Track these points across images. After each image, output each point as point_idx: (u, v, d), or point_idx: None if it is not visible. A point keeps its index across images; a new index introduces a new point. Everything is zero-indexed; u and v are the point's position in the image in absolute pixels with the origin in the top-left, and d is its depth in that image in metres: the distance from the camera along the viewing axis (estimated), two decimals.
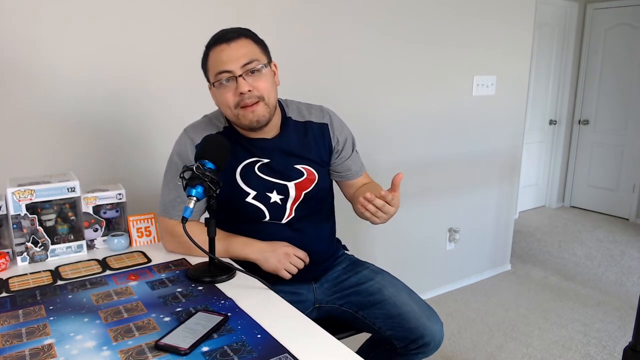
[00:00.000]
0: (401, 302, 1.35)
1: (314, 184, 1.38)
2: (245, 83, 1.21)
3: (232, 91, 1.22)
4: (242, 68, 1.21)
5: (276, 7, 2.08)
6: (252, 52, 1.23)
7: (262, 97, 1.24)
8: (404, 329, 1.32)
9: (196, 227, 1.32)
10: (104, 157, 1.81)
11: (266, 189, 1.33)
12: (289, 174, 1.35)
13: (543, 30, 4.37)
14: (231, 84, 1.22)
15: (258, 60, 1.23)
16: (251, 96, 1.22)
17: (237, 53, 1.20)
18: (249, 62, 1.21)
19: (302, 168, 1.36)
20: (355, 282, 1.42)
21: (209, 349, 0.90)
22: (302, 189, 1.36)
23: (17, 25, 1.59)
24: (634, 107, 4.44)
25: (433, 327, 1.33)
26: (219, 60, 1.21)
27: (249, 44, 1.23)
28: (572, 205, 5.04)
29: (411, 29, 2.52)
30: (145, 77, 1.84)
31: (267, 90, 1.25)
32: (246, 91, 1.21)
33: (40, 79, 1.66)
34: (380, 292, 1.38)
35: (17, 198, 1.25)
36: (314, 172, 1.38)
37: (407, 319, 1.32)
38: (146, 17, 1.80)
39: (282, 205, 1.35)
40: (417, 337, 1.31)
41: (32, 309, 1.05)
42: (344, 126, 1.46)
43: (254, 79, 1.23)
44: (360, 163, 1.51)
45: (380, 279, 1.42)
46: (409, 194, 2.75)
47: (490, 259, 3.30)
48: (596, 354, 2.40)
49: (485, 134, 3.01)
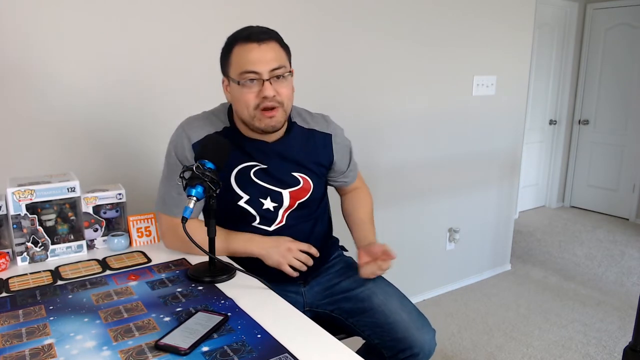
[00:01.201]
0: (390, 310, 1.32)
1: (308, 193, 1.37)
2: (271, 88, 1.20)
3: (255, 93, 1.21)
4: (270, 72, 1.20)
5: (277, 8, 2.08)
6: (280, 58, 1.23)
7: (283, 103, 1.24)
8: (391, 338, 1.29)
9: (197, 225, 1.31)
10: (104, 157, 1.81)
11: (260, 195, 1.33)
12: (285, 181, 1.34)
13: (543, 30, 4.37)
14: (255, 86, 1.21)
15: (285, 66, 1.23)
16: (273, 101, 1.22)
17: (267, 56, 1.19)
18: (277, 68, 1.21)
19: (299, 176, 1.36)
20: (346, 287, 1.40)
21: (209, 349, 0.90)
22: (296, 198, 1.36)
23: (16, 26, 1.59)
24: (634, 107, 4.44)
25: (423, 337, 1.29)
26: (248, 59, 1.19)
27: (278, 49, 1.23)
28: (572, 205, 5.04)
29: (411, 29, 2.52)
30: (145, 77, 1.84)
31: (287, 98, 1.25)
32: (271, 96, 1.20)
33: (40, 80, 1.66)
34: (369, 300, 1.35)
35: (17, 198, 1.25)
36: (310, 181, 1.37)
37: (395, 328, 1.29)
38: (146, 18, 1.80)
39: (274, 212, 1.35)
40: (406, 347, 1.28)
41: (32, 309, 1.05)
42: (344, 138, 1.48)
43: (279, 84, 1.22)
44: (355, 171, 1.56)
45: (371, 285, 1.38)
46: (409, 194, 2.75)
47: (490, 259, 3.31)
48: (596, 354, 2.40)
49: (485, 134, 3.01)
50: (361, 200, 1.57)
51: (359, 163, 1.61)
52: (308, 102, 1.58)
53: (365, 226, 1.50)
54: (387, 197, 2.65)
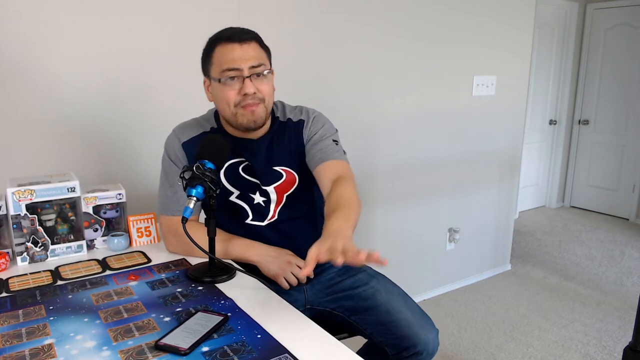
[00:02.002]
0: (394, 308, 1.32)
1: (294, 186, 1.38)
2: (252, 85, 1.23)
3: (236, 90, 1.24)
4: (250, 69, 1.23)
5: (275, 6, 2.08)
6: (261, 56, 1.26)
7: (264, 99, 1.27)
8: (395, 336, 1.29)
9: (197, 227, 1.32)
10: (103, 157, 1.81)
11: (249, 190, 1.36)
12: (267, 178, 1.35)
13: (543, 30, 4.37)
14: (236, 83, 1.24)
15: (265, 64, 1.27)
16: (254, 98, 1.25)
17: (248, 54, 1.23)
18: (257, 65, 1.24)
19: (281, 169, 1.36)
20: (349, 285, 1.40)
21: (209, 349, 0.90)
22: (282, 192, 1.37)
23: (17, 27, 1.59)
24: (634, 107, 4.44)
25: (426, 335, 1.29)
26: (228, 57, 1.23)
27: (259, 48, 1.27)
28: (572, 205, 5.04)
29: (411, 29, 2.52)
30: (145, 77, 1.84)
31: (268, 94, 1.28)
32: (251, 92, 1.24)
33: (41, 80, 1.66)
34: (373, 298, 1.35)
35: (17, 198, 1.25)
36: (293, 172, 1.37)
37: (399, 326, 1.29)
38: (145, 18, 1.80)
39: (266, 207, 1.37)
40: (409, 345, 1.28)
41: (32, 309, 1.05)
42: (325, 122, 1.40)
43: (259, 82, 1.26)
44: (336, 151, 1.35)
45: (375, 284, 1.39)
46: (409, 194, 2.75)
47: (490, 259, 3.30)
48: (596, 354, 2.40)
49: (485, 134, 3.01)
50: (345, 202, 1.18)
51: (359, 163, 1.60)
52: (308, 103, 1.58)
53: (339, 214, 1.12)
54: (387, 197, 2.65)
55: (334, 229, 1.03)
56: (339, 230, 1.02)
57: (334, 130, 1.41)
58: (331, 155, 1.33)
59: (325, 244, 0.95)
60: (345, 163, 1.36)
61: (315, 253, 0.94)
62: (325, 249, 0.94)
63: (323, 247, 0.95)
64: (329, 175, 1.29)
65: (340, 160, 1.34)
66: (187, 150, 1.34)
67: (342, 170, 1.31)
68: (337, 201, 1.16)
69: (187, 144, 1.34)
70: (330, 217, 1.10)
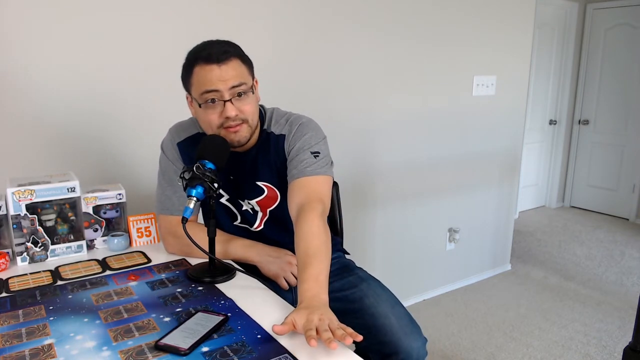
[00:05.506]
0: (379, 313, 1.28)
1: (277, 202, 1.37)
2: (233, 107, 1.19)
3: (218, 113, 1.20)
4: (230, 90, 1.18)
5: (274, 7, 2.08)
6: (242, 74, 1.20)
7: (247, 119, 1.23)
8: (377, 342, 1.25)
9: (197, 227, 1.32)
10: (103, 157, 1.81)
11: (238, 196, 1.37)
12: (250, 193, 1.36)
13: (543, 30, 4.37)
14: (217, 106, 1.19)
15: (246, 83, 1.21)
16: (236, 119, 1.21)
17: (227, 74, 1.17)
18: (238, 85, 1.19)
19: (263, 185, 1.35)
20: (339, 287, 1.39)
21: (209, 349, 0.90)
22: (265, 207, 1.37)
23: (15, 27, 1.59)
24: (634, 107, 4.44)
25: (410, 344, 1.24)
26: (207, 79, 1.17)
27: (239, 65, 1.20)
28: (572, 205, 5.04)
29: (411, 29, 2.52)
30: (145, 76, 1.84)
31: (251, 114, 1.24)
32: (233, 115, 1.19)
33: (41, 80, 1.66)
34: (360, 301, 1.33)
35: (17, 198, 1.25)
36: (275, 188, 1.35)
37: (383, 332, 1.25)
38: (145, 18, 1.80)
39: (253, 215, 1.39)
40: (391, 352, 1.24)
41: (32, 309, 1.05)
42: (308, 131, 1.30)
43: (241, 102, 1.21)
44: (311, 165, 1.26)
45: (364, 287, 1.36)
46: (409, 194, 2.75)
47: (490, 259, 3.31)
48: (596, 354, 2.40)
49: (485, 134, 3.01)
50: (313, 252, 1.10)
51: (359, 163, 1.58)
52: (308, 103, 1.58)
53: (311, 270, 1.06)
54: (387, 197, 2.65)
55: (309, 295, 1.00)
56: (314, 296, 1.00)
57: (318, 139, 1.31)
58: (303, 171, 1.25)
59: (301, 317, 0.93)
60: (320, 179, 1.26)
61: (291, 320, 0.93)
62: (301, 327, 0.92)
63: (299, 320, 0.92)
64: (296, 199, 1.23)
65: (314, 177, 1.25)
66: (181, 150, 1.34)
67: (310, 193, 1.23)
68: (306, 252, 1.10)
69: (181, 144, 1.34)
70: (302, 274, 1.06)
